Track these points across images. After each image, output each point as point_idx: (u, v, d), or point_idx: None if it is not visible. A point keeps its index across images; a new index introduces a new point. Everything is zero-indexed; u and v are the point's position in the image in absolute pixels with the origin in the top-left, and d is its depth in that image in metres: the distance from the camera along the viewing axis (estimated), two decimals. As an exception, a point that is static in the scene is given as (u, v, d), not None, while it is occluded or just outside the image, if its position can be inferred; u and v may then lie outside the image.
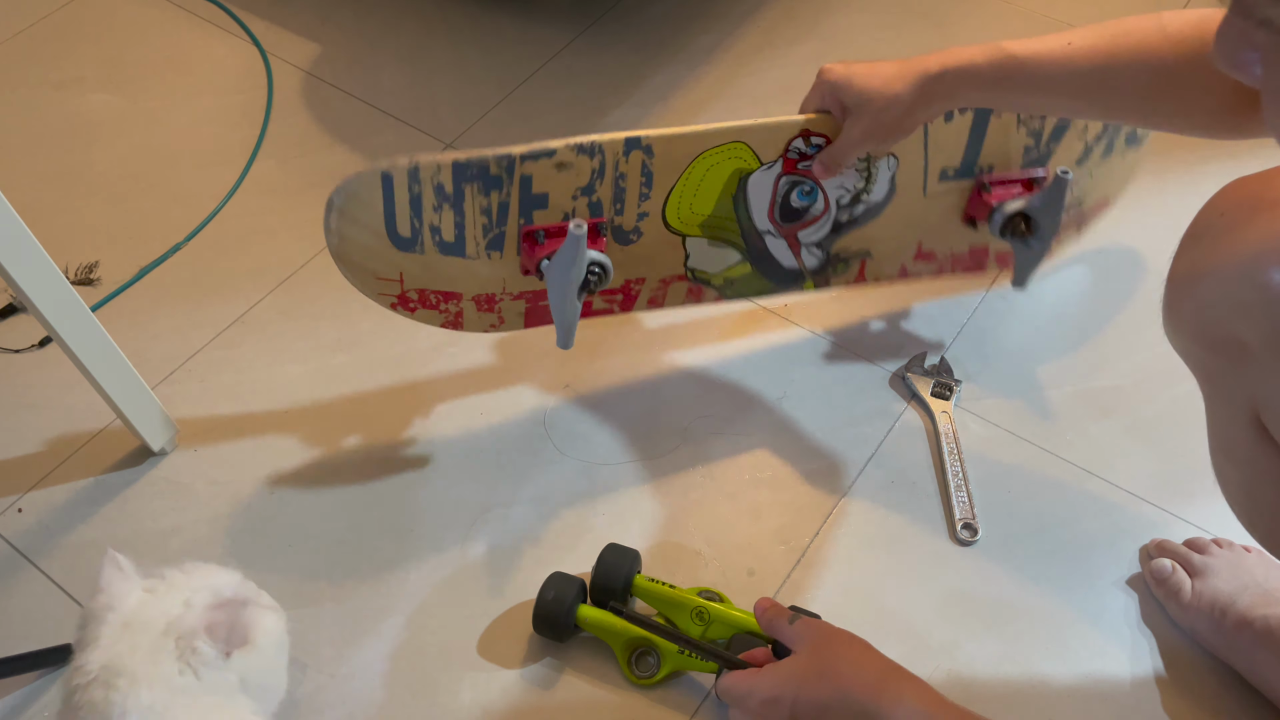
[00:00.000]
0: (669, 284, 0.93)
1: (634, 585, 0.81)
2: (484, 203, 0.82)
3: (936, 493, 0.90)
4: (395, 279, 0.83)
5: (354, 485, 0.92)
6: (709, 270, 0.93)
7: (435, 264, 0.84)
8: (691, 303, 0.95)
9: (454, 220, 0.82)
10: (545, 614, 0.79)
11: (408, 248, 0.82)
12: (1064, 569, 0.85)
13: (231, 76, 1.31)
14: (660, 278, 0.92)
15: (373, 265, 0.83)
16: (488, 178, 0.81)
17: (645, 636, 0.78)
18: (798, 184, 0.89)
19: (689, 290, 0.94)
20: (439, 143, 1.21)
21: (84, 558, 0.88)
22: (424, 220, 0.81)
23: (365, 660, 0.81)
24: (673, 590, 0.81)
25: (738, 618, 0.78)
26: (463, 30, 1.35)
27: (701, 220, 0.89)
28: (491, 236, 0.84)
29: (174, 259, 1.11)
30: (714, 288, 0.94)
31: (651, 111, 1.23)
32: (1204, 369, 0.58)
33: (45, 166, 1.20)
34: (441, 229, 0.82)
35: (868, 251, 0.96)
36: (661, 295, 0.93)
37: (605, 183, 0.84)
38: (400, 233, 0.81)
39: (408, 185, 0.79)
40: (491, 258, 0.85)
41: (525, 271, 0.87)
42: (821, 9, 1.35)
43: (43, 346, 1.03)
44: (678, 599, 0.80)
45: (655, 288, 0.92)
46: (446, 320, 0.87)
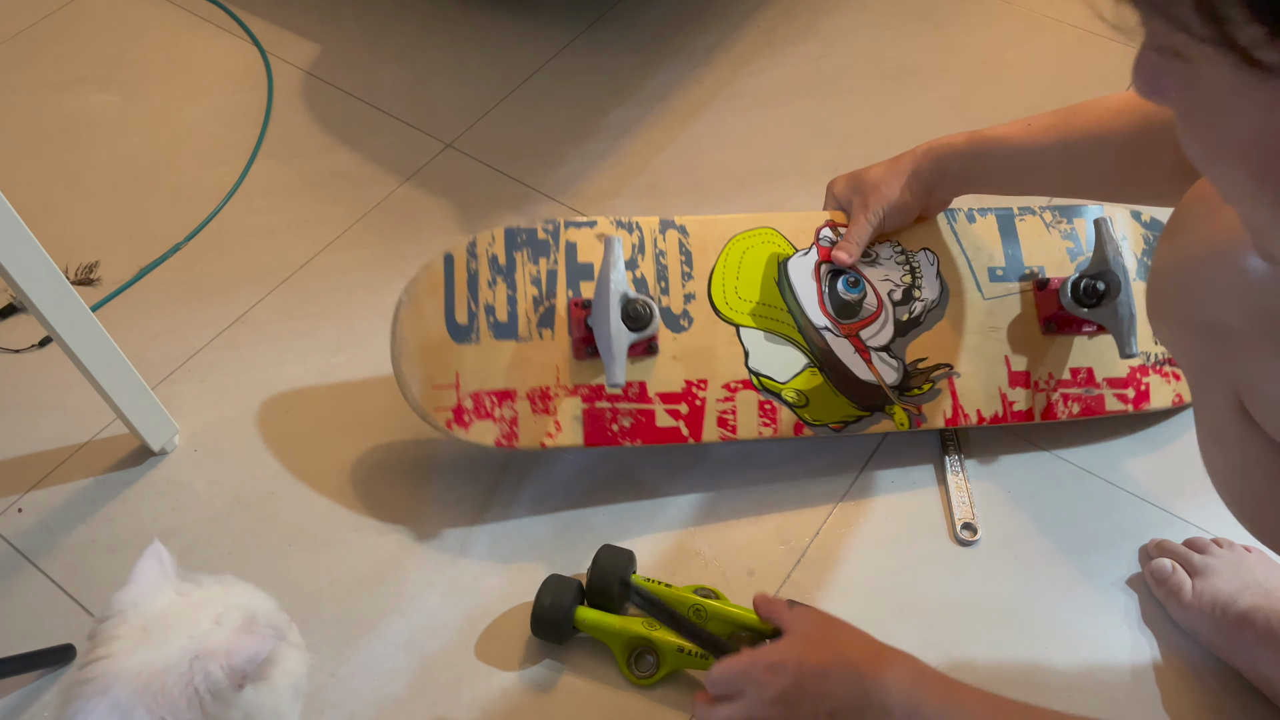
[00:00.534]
0: (736, 392, 0.87)
1: (631, 585, 0.81)
2: (534, 271, 0.87)
3: (936, 493, 0.90)
4: (451, 383, 0.85)
5: (354, 485, 0.92)
6: (776, 377, 0.88)
7: (490, 354, 0.86)
8: (766, 426, 0.87)
9: (507, 295, 0.87)
10: (543, 618, 0.79)
11: (464, 337, 0.86)
12: (1064, 569, 0.85)
13: (231, 76, 1.31)
14: (723, 383, 0.87)
15: (430, 370, 0.85)
16: (536, 242, 0.88)
17: (644, 636, 0.78)
18: (840, 273, 0.90)
19: (761, 406, 0.87)
20: (439, 142, 1.21)
21: (84, 558, 0.88)
22: (479, 301, 0.86)
23: (365, 660, 0.81)
24: (669, 589, 0.81)
25: (735, 613, 0.79)
26: (463, 30, 1.35)
27: (750, 307, 0.89)
28: (542, 311, 0.87)
29: (174, 259, 1.11)
30: (788, 405, 0.87)
31: (651, 111, 1.23)
32: (1189, 356, 0.59)
33: (45, 166, 1.20)
34: (495, 308, 0.86)
35: (950, 366, 0.90)
36: (732, 413, 0.87)
37: (647, 259, 0.89)
38: (458, 321, 0.86)
39: (466, 263, 0.87)
40: (544, 336, 0.86)
41: (578, 351, 0.86)
42: (821, 9, 1.35)
43: (43, 346, 1.03)
44: (675, 598, 0.80)
45: (721, 397, 0.87)
46: (502, 434, 0.84)
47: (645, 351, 0.86)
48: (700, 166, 1.18)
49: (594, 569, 0.81)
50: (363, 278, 1.08)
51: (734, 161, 1.18)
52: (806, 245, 0.91)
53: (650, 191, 1.15)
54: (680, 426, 0.86)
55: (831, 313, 0.89)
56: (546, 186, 1.16)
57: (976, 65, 1.27)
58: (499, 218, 1.13)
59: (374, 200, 1.15)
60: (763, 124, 1.22)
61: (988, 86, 1.25)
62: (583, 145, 1.20)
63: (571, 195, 1.15)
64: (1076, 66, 1.26)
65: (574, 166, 1.18)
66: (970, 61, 1.28)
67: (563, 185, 1.16)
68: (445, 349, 0.85)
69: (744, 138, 1.20)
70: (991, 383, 0.90)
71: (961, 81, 1.25)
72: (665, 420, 0.86)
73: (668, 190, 1.15)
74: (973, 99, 1.23)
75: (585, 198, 1.15)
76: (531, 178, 1.17)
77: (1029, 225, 0.94)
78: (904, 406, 0.89)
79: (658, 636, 0.78)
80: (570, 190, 1.15)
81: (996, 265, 0.92)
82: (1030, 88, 1.24)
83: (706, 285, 0.89)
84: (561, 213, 1.13)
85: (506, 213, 1.13)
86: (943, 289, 0.91)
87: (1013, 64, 1.28)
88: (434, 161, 1.19)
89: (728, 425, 0.87)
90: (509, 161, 1.19)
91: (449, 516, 0.90)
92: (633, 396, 0.86)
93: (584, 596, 0.81)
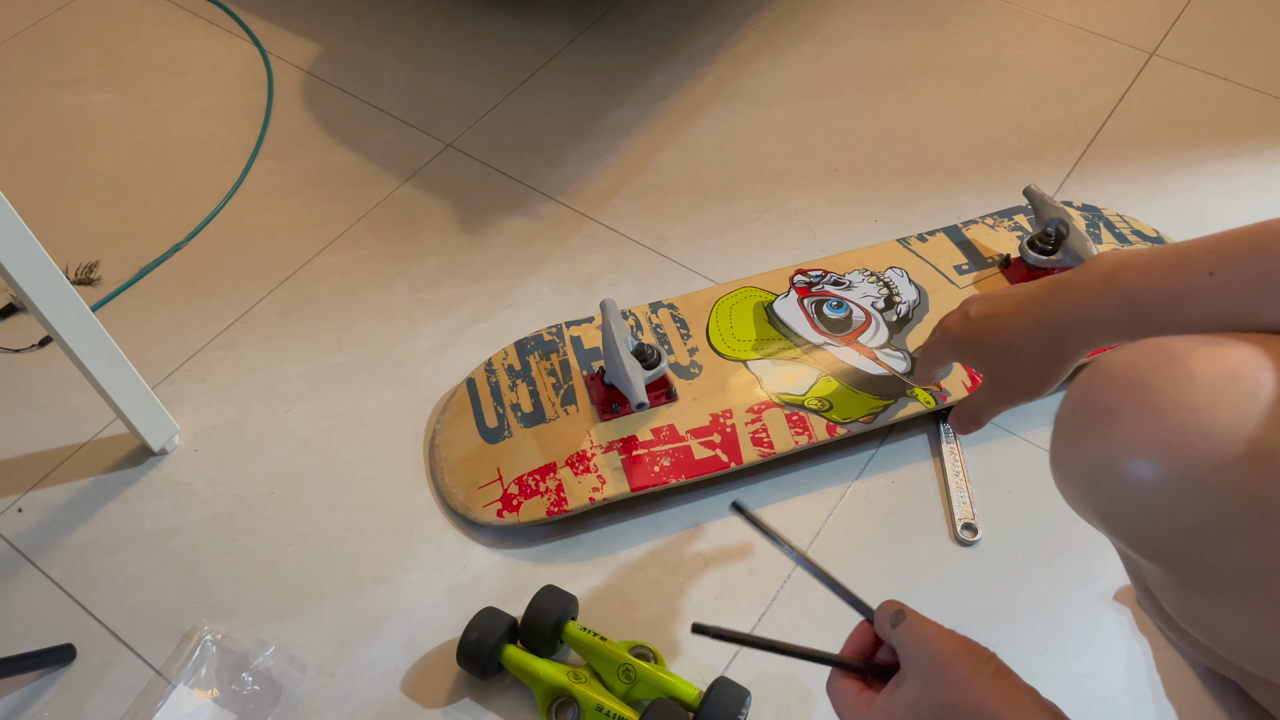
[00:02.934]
0: (761, 413, 0.90)
1: (564, 632, 0.79)
2: (548, 365, 0.95)
3: (936, 493, 0.90)
4: (495, 478, 0.88)
5: (354, 485, 0.92)
6: (794, 392, 0.91)
7: (524, 442, 0.90)
8: (800, 434, 0.88)
9: (528, 390, 0.94)
10: (468, 652, 0.77)
11: (498, 437, 0.91)
12: (1064, 569, 0.85)
13: (231, 76, 1.31)
14: (747, 407, 0.90)
15: (473, 475, 0.89)
16: (544, 344, 0.97)
17: (565, 687, 0.76)
18: (822, 301, 0.98)
19: (789, 419, 0.89)
20: (439, 142, 1.21)
21: (84, 558, 0.88)
22: (505, 403, 0.93)
23: (365, 660, 0.82)
24: (603, 643, 0.78)
25: (664, 680, 0.76)
26: (463, 30, 1.35)
27: (751, 343, 0.95)
28: (563, 392, 0.93)
29: (174, 259, 1.11)
30: (814, 412, 0.90)
31: (651, 111, 1.23)
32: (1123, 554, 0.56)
33: (45, 166, 1.20)
34: (520, 403, 0.93)
35: None
36: (764, 430, 0.89)
37: (646, 333, 0.97)
38: (489, 425, 0.92)
39: (486, 379, 0.95)
40: (569, 412, 0.91)
41: (603, 412, 0.90)
42: (821, 9, 1.35)
43: (43, 346, 1.03)
44: (606, 653, 0.78)
45: (749, 421, 0.89)
46: (551, 503, 0.86)
47: (666, 399, 0.91)
48: (700, 166, 1.18)
49: (530, 610, 0.79)
50: (363, 278, 1.08)
51: (734, 161, 1.18)
52: (784, 290, 1.00)
53: (650, 191, 1.15)
54: (718, 454, 0.88)
55: (824, 330, 0.96)
56: (546, 186, 1.16)
57: (976, 65, 1.27)
58: (499, 218, 1.13)
59: (374, 200, 1.15)
60: (763, 124, 1.22)
61: (988, 86, 1.25)
62: (583, 145, 1.20)
63: (571, 195, 1.15)
64: (1076, 66, 1.26)
65: (574, 166, 1.18)
66: (970, 61, 1.28)
67: (563, 185, 1.16)
68: (482, 453, 0.90)
69: (744, 138, 1.20)
70: None
71: (961, 81, 1.25)
72: (702, 452, 0.88)
73: (668, 190, 1.15)
74: (973, 99, 1.23)
75: (585, 197, 1.15)
76: (531, 178, 1.17)
77: (976, 231, 1.05)
78: (923, 387, 0.92)
79: (579, 689, 0.75)
80: (570, 190, 1.15)
81: (960, 263, 1.02)
82: (1030, 88, 1.24)
83: (705, 338, 0.96)
84: (562, 212, 1.13)
85: (506, 213, 1.13)
86: (919, 291, 1.00)
87: (1013, 64, 1.28)
88: (434, 161, 1.19)
89: (763, 443, 0.88)
90: (509, 161, 1.19)
91: (450, 517, 0.90)
92: (665, 438, 0.89)
93: (516, 635, 0.80)
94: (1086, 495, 0.50)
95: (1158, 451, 0.46)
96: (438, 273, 1.08)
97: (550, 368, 0.95)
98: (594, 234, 1.11)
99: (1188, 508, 0.46)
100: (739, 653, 0.82)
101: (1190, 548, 0.47)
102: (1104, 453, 0.48)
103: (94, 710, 0.80)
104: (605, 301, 0.90)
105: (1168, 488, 0.46)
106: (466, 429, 0.92)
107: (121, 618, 0.84)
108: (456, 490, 0.89)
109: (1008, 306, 0.66)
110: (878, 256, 1.03)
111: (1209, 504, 0.45)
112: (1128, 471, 0.47)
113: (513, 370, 0.95)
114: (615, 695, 0.77)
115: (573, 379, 0.94)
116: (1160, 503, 0.47)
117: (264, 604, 0.85)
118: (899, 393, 0.92)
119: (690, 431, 0.89)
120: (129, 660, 0.82)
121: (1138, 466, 0.47)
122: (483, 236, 1.11)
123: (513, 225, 1.12)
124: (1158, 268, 0.57)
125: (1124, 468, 0.47)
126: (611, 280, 1.06)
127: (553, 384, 0.93)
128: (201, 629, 0.82)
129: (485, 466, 0.89)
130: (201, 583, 0.86)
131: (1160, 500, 0.47)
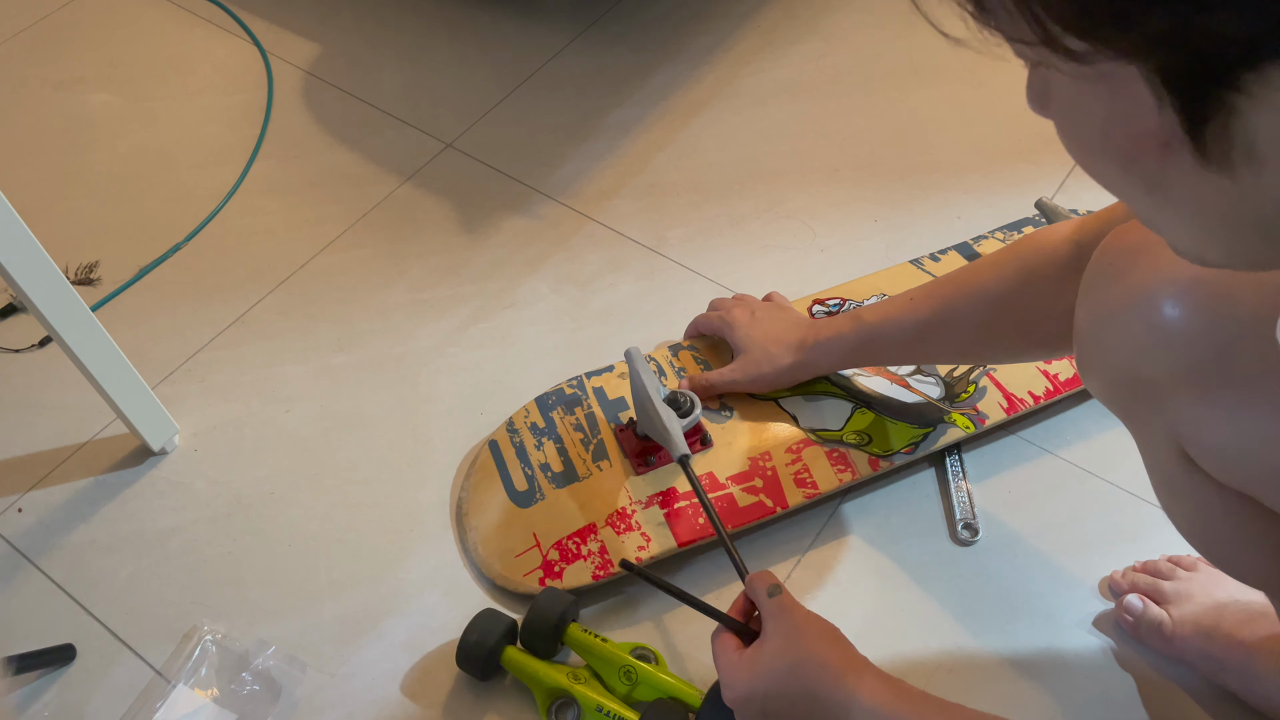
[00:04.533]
0: (800, 453, 0.88)
1: (566, 634, 0.79)
2: (573, 419, 0.92)
3: (936, 493, 0.90)
4: (532, 545, 0.84)
5: (354, 485, 0.92)
6: (830, 428, 0.89)
7: (558, 504, 0.86)
8: (843, 472, 0.87)
9: (556, 448, 0.90)
10: (468, 654, 0.77)
11: (529, 500, 0.87)
12: (1064, 569, 0.85)
13: (231, 76, 1.31)
14: (785, 446, 0.88)
15: (508, 544, 0.85)
16: (565, 399, 0.93)
17: (565, 688, 0.76)
18: None
19: (829, 456, 0.87)
20: (439, 143, 1.21)
21: (84, 558, 0.88)
22: (533, 463, 0.89)
23: (365, 660, 0.82)
24: (604, 644, 0.78)
25: (666, 682, 0.76)
26: (463, 30, 1.35)
27: (781, 390, 0.92)
28: (593, 447, 0.90)
29: (174, 259, 1.11)
30: (854, 447, 0.88)
31: (652, 111, 1.23)
32: (1126, 413, 0.58)
33: (45, 166, 1.20)
34: (550, 463, 0.89)
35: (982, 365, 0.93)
36: (805, 471, 0.87)
37: (670, 378, 0.94)
38: (518, 489, 0.88)
39: (510, 440, 0.91)
40: (602, 468, 0.88)
41: (638, 467, 0.87)
42: (821, 9, 1.35)
43: (43, 346, 1.03)
44: (607, 654, 0.77)
45: (788, 461, 0.87)
46: (596, 566, 0.83)
47: (700, 446, 0.88)
48: (700, 166, 1.18)
49: (531, 612, 0.78)
50: (363, 278, 1.08)
51: (734, 161, 1.18)
52: None
53: (650, 191, 1.15)
54: (762, 500, 0.85)
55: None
56: (546, 186, 1.16)
57: (976, 65, 1.27)
58: (499, 218, 1.13)
59: (374, 200, 1.15)
60: (763, 124, 1.22)
61: (988, 86, 1.25)
62: (583, 145, 1.20)
63: (571, 195, 1.15)
64: (1076, 66, 1.26)
65: (574, 166, 1.18)
66: (970, 61, 1.28)
67: (563, 185, 1.16)
68: (515, 518, 0.86)
69: (744, 138, 1.20)
70: (1027, 364, 0.92)
71: (961, 81, 1.25)
72: (745, 499, 0.85)
73: (667, 190, 1.15)
74: (973, 99, 1.23)
75: (585, 197, 1.15)
76: (531, 178, 1.17)
77: (987, 246, 1.04)
78: (960, 413, 0.90)
79: (579, 690, 0.75)
80: (570, 190, 1.15)
81: None
82: (1030, 88, 1.24)
83: None
84: (561, 212, 1.13)
85: (506, 213, 1.13)
86: None
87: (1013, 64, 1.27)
88: (434, 161, 1.19)
89: (806, 484, 0.86)
90: (509, 161, 1.19)
91: (450, 517, 0.90)
92: (706, 487, 0.86)
93: (516, 636, 0.79)
94: (1129, 329, 0.54)
95: (1182, 269, 0.51)
96: (438, 273, 1.08)
97: (576, 422, 0.91)
98: (594, 234, 1.11)
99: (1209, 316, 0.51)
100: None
101: (1218, 358, 0.50)
102: (1142, 279, 0.53)
103: (94, 710, 0.79)
104: (630, 351, 0.85)
105: (1200, 290, 0.51)
106: (495, 494, 0.88)
107: (121, 618, 0.84)
108: (492, 560, 0.84)
109: (774, 331, 0.90)
110: (893, 280, 1.00)
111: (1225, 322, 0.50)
112: (1163, 291, 0.51)
113: (536, 428, 0.91)
114: (616, 696, 0.77)
115: (601, 433, 0.90)
116: (1196, 309, 0.51)
117: (264, 604, 0.85)
118: (937, 419, 0.90)
119: (731, 478, 0.86)
120: (129, 660, 0.82)
121: (1170, 285, 0.51)
122: (483, 236, 1.11)
123: (513, 225, 1.12)
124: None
125: (1158, 290, 0.52)
126: (611, 280, 1.07)
127: (581, 439, 0.90)
128: (201, 629, 0.82)
129: (520, 533, 0.85)
130: (201, 583, 0.86)
131: (1194, 309, 0.51)
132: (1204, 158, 0.33)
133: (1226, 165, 0.33)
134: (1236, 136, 0.32)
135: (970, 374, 0.93)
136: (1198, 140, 0.33)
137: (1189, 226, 0.38)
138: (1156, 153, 0.34)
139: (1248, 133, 0.32)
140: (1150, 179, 0.36)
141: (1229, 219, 0.36)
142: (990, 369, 0.92)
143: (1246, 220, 0.35)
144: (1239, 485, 0.52)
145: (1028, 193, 1.11)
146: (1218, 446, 0.52)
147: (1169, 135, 0.33)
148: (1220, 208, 0.35)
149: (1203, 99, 0.31)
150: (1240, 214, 0.35)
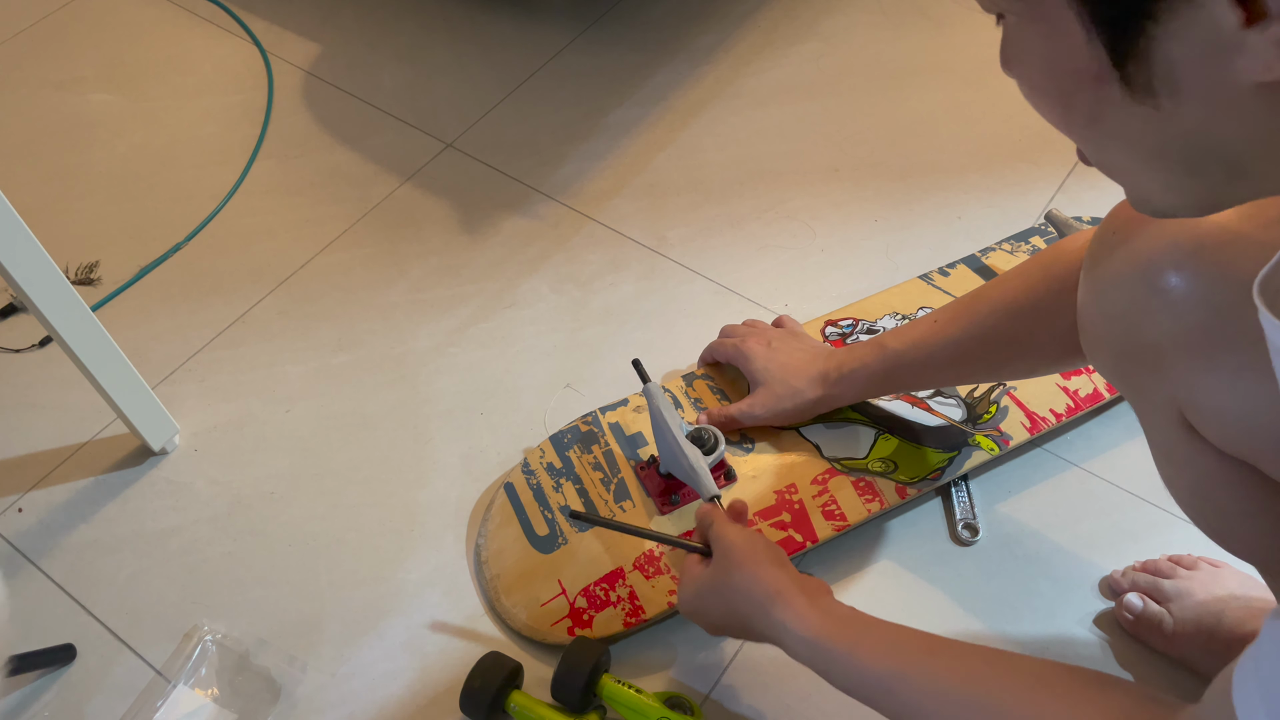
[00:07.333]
0: (826, 483, 0.86)
1: (600, 686, 0.76)
2: (591, 458, 0.89)
3: (937, 492, 0.90)
4: (558, 593, 0.82)
5: (354, 485, 0.92)
6: (855, 456, 0.87)
7: (582, 548, 0.84)
8: (871, 501, 0.85)
9: (575, 489, 0.88)
10: (471, 699, 0.75)
11: (551, 545, 0.84)
12: (1064, 569, 0.85)
13: (231, 76, 1.31)
14: (811, 478, 0.86)
15: (533, 592, 0.82)
16: (581, 436, 0.91)
17: None
18: None
19: (855, 486, 0.86)
20: (439, 143, 1.21)
21: (84, 558, 0.88)
22: (552, 506, 0.86)
23: (365, 660, 0.81)
24: (638, 696, 0.75)
25: None
26: (463, 30, 1.35)
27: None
28: (614, 487, 0.87)
29: (174, 259, 1.11)
30: (880, 475, 0.86)
31: (652, 111, 1.23)
32: (1126, 381, 0.59)
33: (45, 166, 1.20)
34: (570, 505, 0.86)
35: (1001, 383, 0.92)
36: (833, 502, 0.85)
37: (687, 409, 0.92)
38: (539, 534, 0.85)
39: (526, 482, 0.88)
40: (626, 509, 0.86)
41: (662, 506, 0.85)
42: (821, 9, 1.35)
43: (43, 346, 1.03)
44: (643, 707, 0.75)
45: (815, 493, 0.85)
46: (627, 613, 0.80)
47: (725, 480, 0.86)
48: (700, 166, 1.18)
49: (561, 665, 0.75)
50: (363, 278, 1.08)
51: (734, 161, 1.18)
52: None
53: (650, 191, 1.15)
54: (791, 535, 0.83)
55: None
56: (546, 186, 1.16)
57: (976, 65, 1.27)
58: (499, 218, 1.13)
59: (374, 200, 1.15)
60: (763, 124, 1.22)
61: (988, 86, 1.25)
62: (583, 145, 1.20)
63: (571, 195, 1.15)
64: (1076, 66, 1.26)
65: (574, 166, 1.18)
66: (970, 61, 1.28)
67: (563, 185, 1.16)
68: (538, 566, 0.83)
69: (744, 138, 1.20)
70: (1046, 381, 0.91)
71: (961, 81, 1.25)
72: (774, 534, 0.83)
73: (667, 190, 1.15)
74: (973, 99, 1.23)
75: (585, 197, 1.15)
76: (531, 178, 1.17)
77: (996, 258, 1.03)
78: (984, 435, 0.89)
79: None
80: (570, 190, 1.15)
81: None
82: (1030, 88, 1.24)
83: None
84: (561, 212, 1.13)
85: (506, 213, 1.13)
86: None
87: (1013, 64, 1.27)
88: (434, 161, 1.19)
89: (835, 516, 0.84)
90: (509, 161, 1.19)
91: (449, 516, 0.90)
92: None
93: (519, 679, 0.77)
94: (1131, 294, 0.54)
95: (1184, 234, 0.52)
96: (438, 273, 1.08)
97: (594, 461, 0.88)
98: (594, 234, 1.11)
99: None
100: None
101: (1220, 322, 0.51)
102: (1144, 245, 0.54)
103: (94, 710, 0.80)
104: (649, 387, 0.83)
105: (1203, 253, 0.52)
106: (515, 540, 0.85)
107: (121, 618, 0.84)
108: (517, 611, 0.81)
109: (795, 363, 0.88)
110: (904, 297, 0.99)
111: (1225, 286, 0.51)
112: (1165, 256, 0.52)
113: (553, 469, 0.88)
114: None
115: (621, 472, 0.88)
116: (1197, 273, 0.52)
117: (264, 604, 0.85)
118: (960, 442, 0.88)
119: (759, 513, 0.84)
120: (129, 660, 0.82)
121: (1172, 250, 0.52)
122: (483, 236, 1.11)
123: (513, 225, 1.12)
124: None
125: (1160, 255, 0.53)
126: (612, 280, 1.07)
127: (600, 479, 0.87)
128: (201, 629, 0.82)
129: (544, 580, 0.82)
130: (201, 583, 0.86)
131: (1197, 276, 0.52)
132: (1130, 88, 0.37)
133: (1149, 94, 0.36)
134: (1156, 65, 0.35)
135: (991, 394, 0.91)
136: (1123, 70, 0.36)
137: (1127, 162, 0.41)
138: (1090, 86, 0.38)
139: (1165, 60, 0.35)
140: (1089, 114, 0.39)
141: (1158, 151, 0.39)
142: (1011, 388, 0.91)
143: (1174, 152, 0.38)
144: (1240, 452, 0.53)
145: (1028, 192, 1.11)
146: (1219, 411, 0.52)
147: (1100, 69, 0.37)
148: (1149, 140, 0.38)
149: (1123, 30, 0.35)
150: (1166, 145, 0.38)
